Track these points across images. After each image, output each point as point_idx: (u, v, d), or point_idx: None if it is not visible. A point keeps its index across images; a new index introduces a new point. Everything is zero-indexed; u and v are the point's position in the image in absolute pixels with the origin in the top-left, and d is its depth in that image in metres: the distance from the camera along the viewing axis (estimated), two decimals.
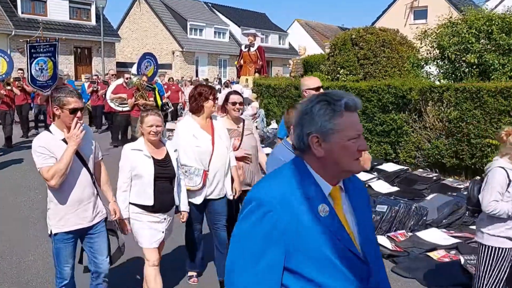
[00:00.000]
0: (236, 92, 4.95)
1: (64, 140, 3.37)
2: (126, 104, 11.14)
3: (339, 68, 13.06)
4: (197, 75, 33.45)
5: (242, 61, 20.91)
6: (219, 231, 4.45)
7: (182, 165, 4.20)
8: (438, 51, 11.15)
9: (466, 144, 8.35)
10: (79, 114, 3.37)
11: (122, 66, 30.87)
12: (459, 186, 7.82)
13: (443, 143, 8.66)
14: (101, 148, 3.93)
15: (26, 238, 5.88)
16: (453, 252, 5.32)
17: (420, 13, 24.39)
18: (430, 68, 11.81)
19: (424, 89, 8.89)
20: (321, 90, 4.59)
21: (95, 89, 14.70)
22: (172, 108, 14.25)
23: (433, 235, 5.67)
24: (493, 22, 10.16)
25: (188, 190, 4.19)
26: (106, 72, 19.09)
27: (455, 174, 8.63)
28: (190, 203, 4.24)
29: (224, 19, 40.30)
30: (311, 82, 4.75)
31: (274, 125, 13.09)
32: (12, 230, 6.14)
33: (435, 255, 5.22)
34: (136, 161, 3.82)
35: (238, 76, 21.99)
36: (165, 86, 16.47)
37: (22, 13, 25.78)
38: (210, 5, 42.22)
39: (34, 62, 8.92)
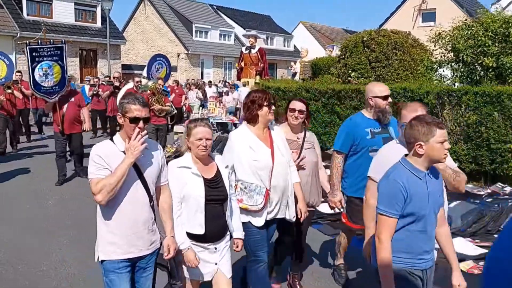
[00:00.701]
0: (299, 99, 4.43)
1: (125, 152, 2.97)
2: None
3: (350, 71, 12.83)
4: (202, 78, 33.29)
5: (242, 63, 20.64)
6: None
7: (239, 180, 3.71)
8: (452, 54, 10.94)
9: (486, 150, 8.13)
10: (141, 124, 2.96)
11: (128, 69, 30.74)
12: (479, 193, 7.61)
13: (461, 148, 8.44)
14: None
15: (37, 247, 5.68)
16: (481, 263, 5.10)
17: (429, 16, 24.19)
18: (444, 71, 11.60)
19: (442, 92, 8.69)
20: (389, 100, 4.34)
21: (95, 92, 14.26)
22: (176, 111, 13.95)
23: (460, 245, 5.45)
24: (510, 24, 9.95)
25: (244, 209, 3.67)
26: (107, 75, 18.82)
27: (474, 180, 8.41)
28: (249, 225, 3.70)
29: (229, 21, 40.17)
30: (379, 89, 4.38)
31: None
32: (21, 238, 5.95)
33: (464, 266, 5.01)
34: (184, 181, 3.28)
35: (239, 79, 21.69)
36: (169, 89, 16.29)
37: (27, 15, 25.68)
38: (215, 7, 42.11)
39: (37, 67, 8.22)
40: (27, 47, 8.16)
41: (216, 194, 3.32)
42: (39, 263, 5.19)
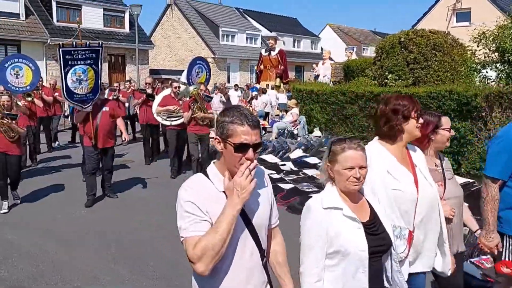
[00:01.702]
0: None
1: (226, 193, 2.08)
2: (176, 117, 9.65)
3: (387, 73, 12.37)
4: (228, 81, 33.11)
5: (262, 66, 20.24)
6: None
7: None
8: (497, 54, 10.39)
9: None
10: (250, 153, 2.04)
11: (155, 74, 30.74)
12: None
13: None
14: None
15: (72, 260, 5.43)
16: None
17: (463, 15, 23.45)
18: (487, 72, 11.03)
19: (492, 95, 8.17)
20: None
21: (115, 97, 13.21)
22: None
23: None
24: None
25: None
26: (127, 80, 18.54)
27: None
28: None
29: (256, 24, 39.93)
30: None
31: (317, 132, 12.49)
32: (56, 250, 5.71)
33: None
34: (336, 229, 2.30)
35: (258, 82, 21.32)
36: (212, 95, 15.67)
37: (57, 21, 25.90)
38: (241, 10, 41.94)
39: (70, 71, 7.21)
40: (60, 49, 7.19)
41: (379, 245, 2.35)
42: (73, 279, 4.93)
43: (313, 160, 10.50)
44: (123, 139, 8.22)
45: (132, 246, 5.80)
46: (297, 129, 13.16)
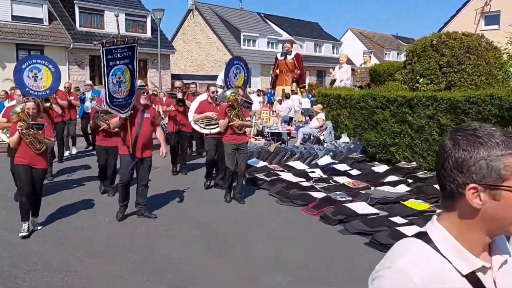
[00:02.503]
0: None
1: (473, 277, 1.22)
2: (215, 125, 8.57)
3: (418, 77, 11.92)
4: (250, 86, 32.84)
5: (278, 70, 19.73)
6: None
7: None
8: None
9: None
10: None
11: (177, 78, 30.62)
12: None
13: None
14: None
15: (102, 273, 5.15)
16: None
17: (492, 19, 22.82)
18: None
19: None
20: None
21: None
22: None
23: None
24: None
25: None
26: (140, 84, 18.09)
27: None
28: None
29: (277, 29, 39.68)
30: None
31: (345, 138, 12.10)
32: (85, 264, 5.44)
33: None
34: None
35: (274, 87, 20.87)
36: (252, 101, 14.54)
37: (80, 26, 25.99)
38: (262, 15, 41.73)
39: (111, 73, 6.36)
40: (103, 48, 6.22)
41: None
42: None
43: (342, 167, 10.14)
44: (161, 153, 7.16)
45: (162, 263, 5.51)
46: (324, 134, 12.79)
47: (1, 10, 22.99)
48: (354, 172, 9.74)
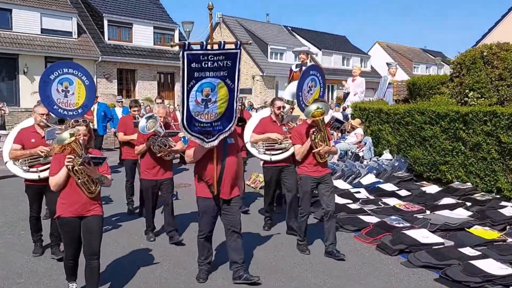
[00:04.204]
0: None
1: None
2: (279, 150, 6.84)
3: (467, 91, 11.15)
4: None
5: None
6: None
7: None
8: None
9: None
10: None
11: None
12: None
13: None
14: None
15: None
16: None
17: None
18: None
19: None
20: None
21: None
22: None
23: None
24: None
25: None
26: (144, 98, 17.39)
27: None
28: None
29: (304, 42, 39.16)
30: None
31: (387, 155, 11.33)
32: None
33: None
34: None
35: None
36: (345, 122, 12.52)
37: (108, 39, 25.88)
38: (290, 28, 41.33)
39: (195, 88, 4.63)
40: (185, 53, 4.53)
41: None
42: None
43: (389, 186, 9.41)
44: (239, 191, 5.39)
45: None
46: (363, 151, 12.06)
47: (31, 23, 23.03)
48: (403, 192, 9.00)
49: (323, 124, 5.85)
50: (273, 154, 6.87)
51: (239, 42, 4.84)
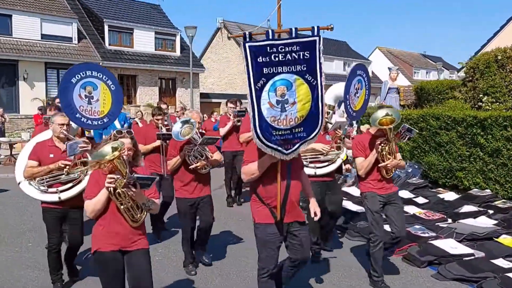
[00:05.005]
0: None
1: None
2: (325, 162, 5.90)
3: (481, 95, 10.91)
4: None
5: None
6: None
7: None
8: None
9: None
10: None
11: (205, 97, 30.05)
12: None
13: None
14: None
15: None
16: None
17: None
18: None
19: None
20: None
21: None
22: None
23: None
24: None
25: None
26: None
27: None
28: None
29: None
30: None
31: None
32: None
33: None
34: None
35: None
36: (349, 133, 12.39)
37: (109, 45, 25.63)
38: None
39: (267, 88, 3.74)
40: (247, 45, 3.69)
41: None
42: None
43: (405, 193, 9.10)
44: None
45: None
46: None
47: (31, 29, 22.78)
48: (420, 200, 8.71)
49: (391, 133, 4.90)
50: (317, 167, 5.83)
51: (316, 27, 3.86)
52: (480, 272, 5.21)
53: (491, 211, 7.72)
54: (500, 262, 5.47)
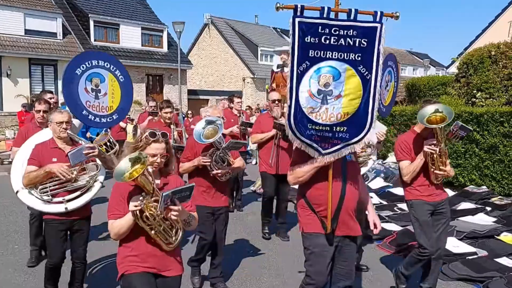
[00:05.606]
0: None
1: None
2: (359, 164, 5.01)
3: (475, 91, 10.84)
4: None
5: (274, 85, 18.39)
6: None
7: None
8: None
9: None
10: None
11: (193, 94, 29.74)
12: None
13: None
14: None
15: None
16: None
17: None
18: None
19: None
20: None
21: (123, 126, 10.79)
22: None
23: None
24: None
25: None
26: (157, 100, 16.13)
27: None
28: None
29: None
30: None
31: (393, 158, 10.93)
32: None
33: None
34: None
35: None
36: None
37: (94, 40, 25.19)
38: (279, 30, 40.97)
39: (309, 74, 3.20)
40: (296, 20, 3.13)
41: None
42: None
43: (400, 191, 8.95)
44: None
45: None
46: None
47: (14, 24, 22.26)
48: None
49: (442, 133, 4.13)
50: None
51: (380, 12, 3.19)
52: (486, 271, 5.07)
53: (488, 208, 7.62)
54: (505, 261, 5.35)
